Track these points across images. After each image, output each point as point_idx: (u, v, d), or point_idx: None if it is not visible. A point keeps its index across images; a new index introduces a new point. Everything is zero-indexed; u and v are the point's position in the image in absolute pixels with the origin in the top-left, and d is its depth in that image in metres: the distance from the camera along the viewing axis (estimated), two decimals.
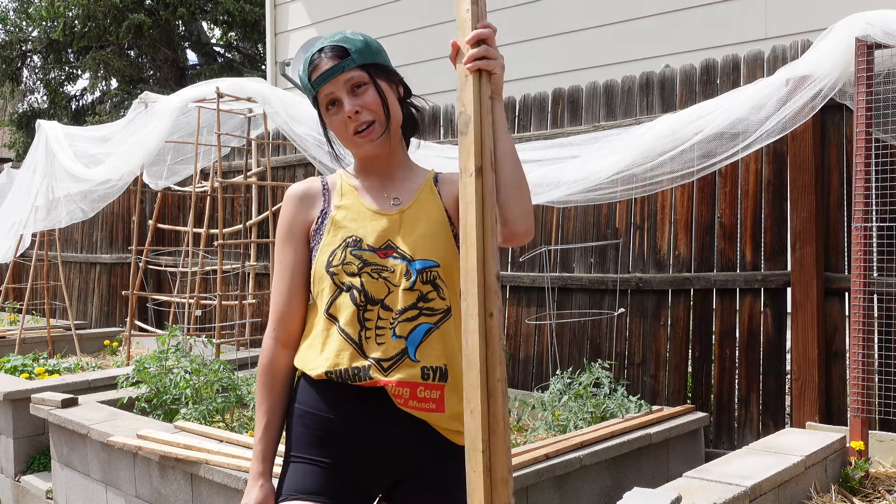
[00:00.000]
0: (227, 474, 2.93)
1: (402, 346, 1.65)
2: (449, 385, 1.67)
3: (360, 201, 1.75)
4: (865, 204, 3.22)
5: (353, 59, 1.70)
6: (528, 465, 2.92)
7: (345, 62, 1.69)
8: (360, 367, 1.65)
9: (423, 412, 1.66)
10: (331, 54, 1.70)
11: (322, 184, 1.81)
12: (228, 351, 5.40)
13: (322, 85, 1.70)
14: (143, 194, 6.80)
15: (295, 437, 1.72)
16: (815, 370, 3.54)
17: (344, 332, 1.66)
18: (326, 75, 1.69)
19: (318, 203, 1.78)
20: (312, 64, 1.72)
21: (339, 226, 1.72)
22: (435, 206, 1.74)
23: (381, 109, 1.70)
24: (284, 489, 1.70)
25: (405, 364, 1.65)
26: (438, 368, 1.66)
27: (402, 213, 1.73)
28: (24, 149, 14.41)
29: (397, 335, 1.65)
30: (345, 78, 1.69)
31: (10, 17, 15.71)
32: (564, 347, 4.44)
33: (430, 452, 1.68)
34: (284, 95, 5.10)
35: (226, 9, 14.07)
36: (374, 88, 1.70)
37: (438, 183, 1.79)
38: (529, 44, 6.32)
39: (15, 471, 4.42)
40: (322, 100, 1.72)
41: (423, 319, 1.67)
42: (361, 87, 1.70)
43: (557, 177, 3.71)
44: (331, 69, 1.69)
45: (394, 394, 1.64)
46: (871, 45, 3.16)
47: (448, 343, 1.68)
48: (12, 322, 7.50)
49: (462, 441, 1.69)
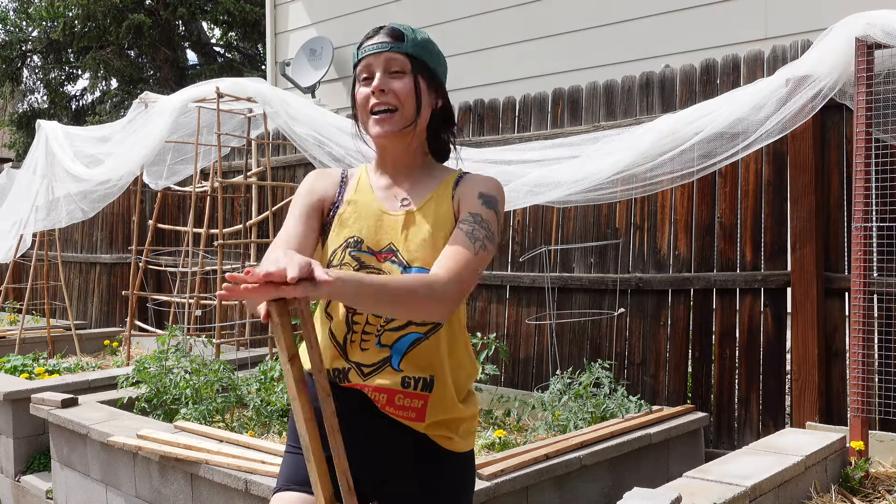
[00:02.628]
0: (227, 474, 2.93)
1: (385, 354, 1.63)
2: (434, 396, 1.64)
3: (371, 198, 1.72)
4: (865, 204, 3.22)
5: (403, 45, 1.68)
6: (528, 465, 2.92)
7: (395, 44, 1.68)
8: (340, 369, 1.65)
9: (401, 419, 1.64)
10: (387, 33, 1.70)
11: (342, 174, 1.79)
12: (228, 351, 5.40)
13: (366, 55, 1.69)
14: (143, 194, 6.80)
15: (292, 428, 1.72)
16: (815, 370, 3.54)
17: (332, 332, 1.66)
18: (372, 48, 1.68)
19: (334, 188, 1.75)
20: (367, 35, 1.72)
21: (344, 224, 1.69)
22: (444, 207, 1.69)
23: (411, 102, 1.67)
24: (281, 479, 1.71)
25: (386, 372, 1.63)
26: (422, 379, 1.63)
27: (408, 215, 1.68)
28: (24, 149, 14.41)
29: (382, 344, 1.63)
30: (388, 56, 1.68)
31: (10, 17, 15.70)
32: (564, 347, 4.44)
33: (417, 454, 1.67)
34: (284, 95, 5.09)
35: (226, 9, 14.06)
36: (412, 80, 1.67)
37: (458, 184, 1.73)
38: (529, 44, 6.32)
39: (15, 471, 4.42)
40: (359, 70, 1.71)
41: (412, 329, 1.63)
42: (399, 73, 1.68)
43: (557, 177, 3.71)
44: (380, 43, 1.68)
45: (372, 398, 1.63)
46: (871, 45, 3.16)
47: (436, 354, 1.65)
48: (12, 322, 7.50)
49: (451, 446, 1.69)
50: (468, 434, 1.73)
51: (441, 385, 1.65)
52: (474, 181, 1.73)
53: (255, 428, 3.85)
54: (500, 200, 1.72)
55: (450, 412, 1.67)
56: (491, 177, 1.76)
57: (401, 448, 1.66)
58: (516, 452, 3.02)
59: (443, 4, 6.82)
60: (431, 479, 1.67)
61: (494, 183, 1.74)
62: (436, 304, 1.52)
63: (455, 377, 1.68)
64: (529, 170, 3.82)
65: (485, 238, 1.62)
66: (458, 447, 1.70)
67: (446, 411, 1.66)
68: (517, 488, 2.83)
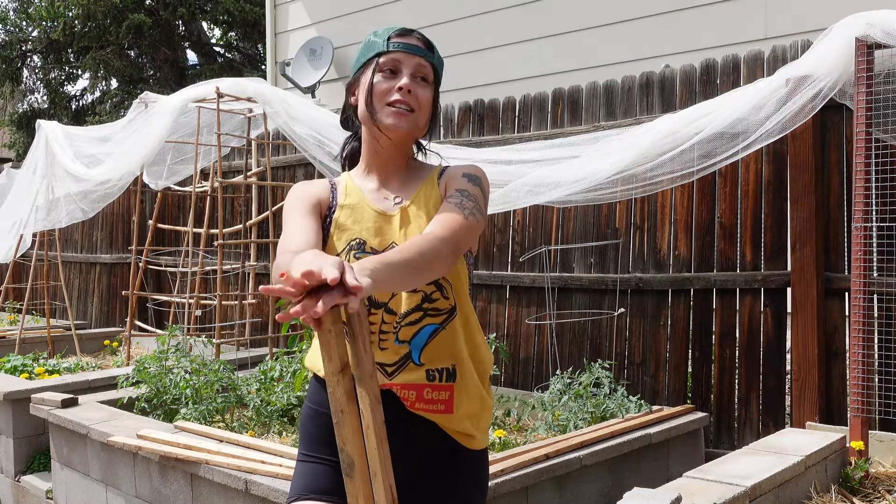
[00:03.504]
0: (227, 474, 2.93)
1: (405, 350, 1.64)
2: (458, 385, 1.66)
3: (364, 200, 1.73)
4: (865, 204, 3.22)
5: (433, 56, 1.73)
6: (528, 465, 2.92)
7: (428, 53, 1.72)
8: None
9: (431, 413, 1.65)
10: (420, 38, 1.73)
11: (330, 182, 1.79)
12: (228, 351, 5.40)
13: (398, 50, 1.69)
14: (143, 194, 6.80)
15: (307, 436, 1.72)
16: (815, 370, 3.54)
17: None
18: (410, 48, 1.70)
19: (327, 192, 1.75)
20: (398, 31, 1.72)
21: (343, 228, 1.70)
22: (433, 199, 1.72)
23: (427, 112, 1.72)
24: (297, 488, 1.68)
25: (409, 368, 1.64)
26: (445, 370, 1.65)
27: (403, 212, 1.70)
28: (24, 149, 14.40)
29: (400, 340, 1.64)
30: (420, 62, 1.70)
31: (10, 17, 15.70)
32: (564, 347, 4.44)
33: (440, 456, 1.67)
34: (284, 95, 5.09)
35: (226, 9, 14.06)
36: (432, 92, 1.72)
37: (442, 176, 1.77)
38: (529, 44, 6.33)
39: (15, 471, 4.42)
40: (385, 61, 1.70)
41: (427, 321, 1.65)
42: (424, 81, 1.71)
43: (557, 177, 3.71)
44: (416, 47, 1.71)
45: (401, 396, 1.63)
46: (871, 45, 3.16)
47: (455, 342, 1.66)
48: (12, 322, 7.50)
49: (473, 445, 1.70)
50: (486, 428, 1.75)
51: (463, 373, 1.66)
52: (457, 168, 1.78)
53: (255, 428, 3.85)
54: (484, 180, 1.75)
55: (476, 402, 1.68)
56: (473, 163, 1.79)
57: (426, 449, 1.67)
58: (516, 452, 3.02)
59: (443, 4, 6.82)
60: (454, 479, 1.68)
61: (476, 167, 1.78)
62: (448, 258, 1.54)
63: (475, 361, 1.70)
64: (529, 170, 3.82)
65: (473, 208, 1.65)
66: (478, 445, 1.72)
67: (471, 399, 1.67)
68: (517, 488, 2.83)
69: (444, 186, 1.73)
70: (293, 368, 4.17)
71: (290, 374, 4.13)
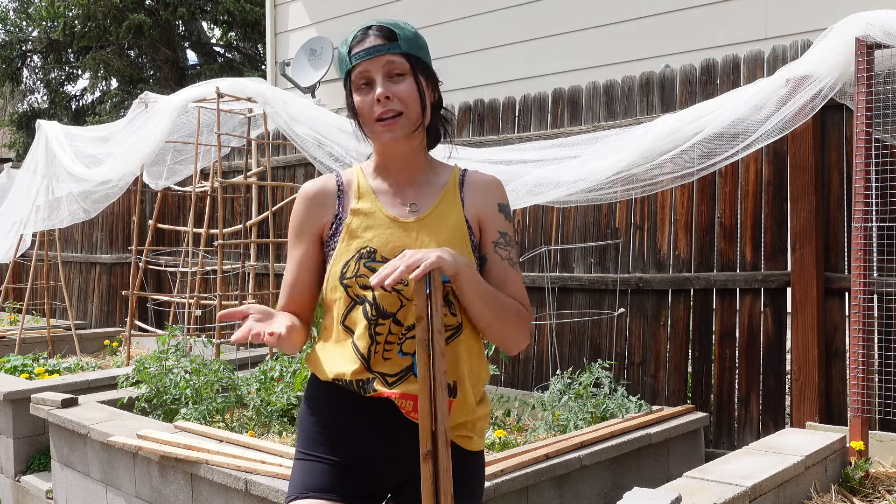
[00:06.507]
0: (227, 474, 2.93)
1: (407, 362, 1.63)
2: (458, 402, 1.65)
3: (377, 205, 1.68)
4: (865, 204, 3.22)
5: (398, 45, 1.63)
6: (528, 465, 2.92)
7: (390, 45, 1.62)
8: (364, 380, 1.64)
9: None
10: (378, 33, 1.64)
11: (337, 183, 1.74)
12: (228, 351, 5.40)
13: (360, 61, 1.62)
14: (143, 194, 6.81)
15: (305, 435, 1.71)
16: (815, 370, 3.54)
17: (356, 345, 1.64)
18: (368, 52, 1.62)
19: (331, 205, 1.71)
20: (356, 38, 1.65)
21: (354, 235, 1.66)
22: (455, 214, 1.68)
23: (416, 104, 1.63)
24: (295, 486, 1.68)
25: (410, 380, 1.62)
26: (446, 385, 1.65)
27: (420, 222, 1.67)
28: (24, 149, 14.41)
29: (404, 352, 1.63)
30: (385, 60, 1.62)
31: (10, 17, 15.71)
32: (564, 347, 4.44)
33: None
34: (284, 95, 5.09)
35: (226, 8, 14.07)
36: (413, 81, 1.63)
37: (464, 186, 1.72)
38: (529, 44, 6.32)
39: (15, 471, 4.42)
40: (356, 77, 1.64)
41: None
42: (400, 76, 1.63)
43: (557, 177, 3.71)
44: (374, 47, 1.62)
45: (399, 404, 1.63)
46: (871, 45, 3.16)
47: (457, 360, 1.64)
48: (12, 322, 7.50)
49: (472, 446, 1.70)
50: (482, 432, 1.76)
51: (462, 391, 1.65)
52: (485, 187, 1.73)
53: (255, 428, 3.85)
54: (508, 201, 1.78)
55: (469, 414, 1.69)
56: (492, 176, 1.77)
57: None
58: (516, 452, 3.02)
59: (443, 4, 6.82)
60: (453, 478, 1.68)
61: (499, 184, 1.76)
62: (525, 332, 1.70)
63: (472, 382, 1.69)
64: (529, 170, 3.82)
65: (517, 255, 1.75)
66: (475, 446, 1.73)
67: (466, 414, 1.68)
68: (517, 488, 2.83)
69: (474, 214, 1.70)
70: (293, 368, 4.17)
71: (290, 374, 4.14)
